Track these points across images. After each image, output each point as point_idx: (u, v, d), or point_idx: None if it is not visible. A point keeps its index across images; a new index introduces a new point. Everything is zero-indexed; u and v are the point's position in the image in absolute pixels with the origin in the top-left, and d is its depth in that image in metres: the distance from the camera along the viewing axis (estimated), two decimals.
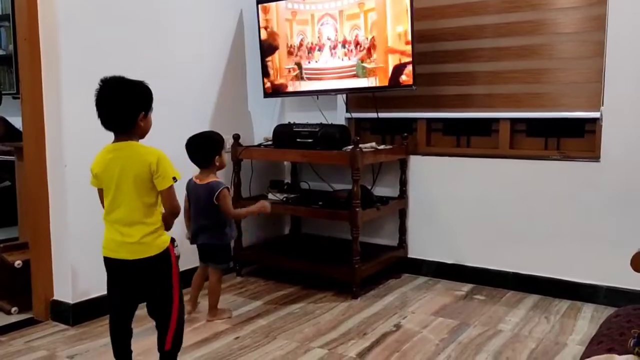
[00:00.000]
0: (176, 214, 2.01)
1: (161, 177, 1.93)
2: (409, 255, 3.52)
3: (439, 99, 3.42)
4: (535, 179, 3.11)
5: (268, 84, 3.59)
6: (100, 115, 1.94)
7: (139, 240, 1.95)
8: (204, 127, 3.27)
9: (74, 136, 2.65)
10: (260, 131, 3.73)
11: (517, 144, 3.27)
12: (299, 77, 3.47)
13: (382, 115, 3.53)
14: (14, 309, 2.80)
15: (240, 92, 3.62)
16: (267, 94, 3.61)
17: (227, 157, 2.79)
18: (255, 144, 3.63)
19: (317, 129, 3.25)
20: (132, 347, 2.07)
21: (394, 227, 3.51)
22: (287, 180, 3.89)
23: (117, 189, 1.95)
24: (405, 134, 3.45)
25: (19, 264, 2.75)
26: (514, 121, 3.26)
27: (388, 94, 3.48)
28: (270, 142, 3.54)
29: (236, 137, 3.37)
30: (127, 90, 1.95)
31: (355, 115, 3.72)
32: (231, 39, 3.53)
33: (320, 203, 3.17)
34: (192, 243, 2.75)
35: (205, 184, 2.68)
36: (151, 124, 2.03)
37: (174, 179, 1.94)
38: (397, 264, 3.45)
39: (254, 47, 3.61)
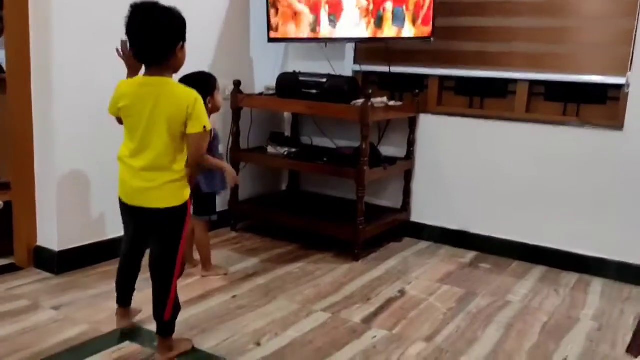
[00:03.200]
0: (201, 164, 1.86)
1: (195, 120, 1.73)
2: (412, 219, 3.38)
3: (453, 55, 3.22)
4: (550, 145, 2.95)
5: (272, 29, 3.34)
6: (133, 46, 1.73)
7: (162, 186, 1.76)
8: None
9: (64, 67, 2.42)
10: (262, 79, 3.50)
11: (534, 107, 3.10)
12: (308, 24, 3.23)
13: (392, 69, 3.32)
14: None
15: (242, 36, 3.37)
16: (271, 39, 3.37)
17: (221, 99, 2.56)
18: (257, 92, 3.42)
19: (324, 80, 3.03)
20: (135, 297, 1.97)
21: (397, 188, 3.36)
22: (288, 133, 3.69)
23: (146, 128, 1.74)
24: (417, 91, 3.25)
25: (0, 205, 2.56)
26: (532, 83, 3.08)
27: (399, 47, 3.26)
28: (272, 91, 3.33)
29: (237, 84, 3.15)
30: (165, 17, 1.72)
31: (363, 67, 3.51)
32: None
33: (325, 159, 2.99)
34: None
35: None
36: (185, 57, 1.82)
37: (204, 127, 1.75)
38: (399, 227, 3.31)
39: None
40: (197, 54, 3.01)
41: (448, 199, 3.26)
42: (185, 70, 2.90)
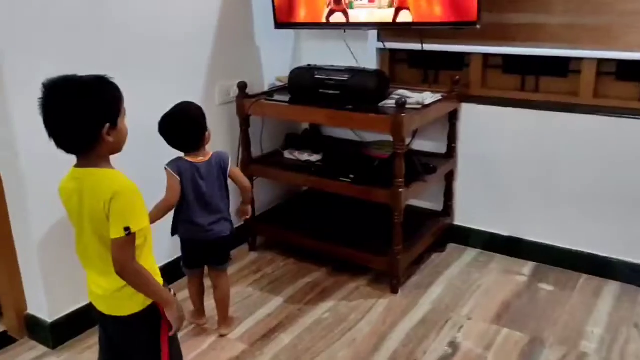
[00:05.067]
0: (138, 278, 1.39)
1: (114, 220, 1.33)
2: (456, 223, 2.93)
3: (502, 29, 2.63)
4: (624, 138, 2.42)
5: (279, 11, 2.77)
6: (49, 134, 1.32)
7: (113, 293, 1.43)
8: (197, 72, 2.59)
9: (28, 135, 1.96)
10: (272, 70, 2.97)
11: (603, 90, 2.53)
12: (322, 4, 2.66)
13: (425, 47, 2.76)
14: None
15: (244, 22, 2.82)
16: (278, 24, 2.81)
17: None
18: (266, 88, 2.91)
19: (345, 77, 2.50)
20: None
21: (438, 189, 2.88)
22: (306, 125, 3.20)
23: (79, 229, 1.42)
24: (457, 78, 2.70)
25: None
26: (600, 62, 2.50)
27: None
28: (283, 84, 2.83)
29: (242, 86, 2.64)
30: (80, 98, 1.30)
31: (389, 45, 2.94)
32: None
33: (351, 176, 2.51)
34: (193, 238, 2.14)
35: (208, 161, 2.07)
36: (126, 133, 1.42)
37: (127, 229, 1.32)
38: (442, 234, 2.87)
39: None
40: (193, 50, 2.54)
41: (498, 201, 2.79)
42: (177, 71, 2.47)
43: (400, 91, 2.60)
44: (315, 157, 2.77)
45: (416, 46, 2.80)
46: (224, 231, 2.12)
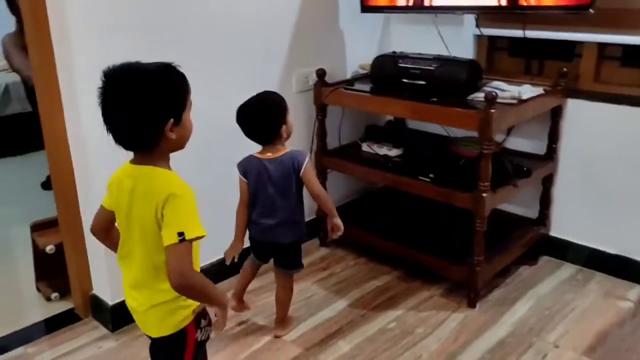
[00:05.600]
0: (198, 289, 1.24)
1: (167, 226, 1.19)
2: (552, 234, 2.60)
3: (623, 15, 2.25)
4: None
5: None
6: (107, 128, 1.20)
7: (145, 311, 1.30)
8: (275, 57, 2.46)
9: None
10: (355, 56, 2.79)
11: None
12: None
13: (519, 33, 2.44)
14: (54, 295, 2.35)
15: (328, 5, 2.65)
16: (364, 8, 2.61)
17: (292, 122, 1.96)
18: (348, 76, 2.73)
19: (432, 67, 2.26)
20: None
21: (534, 193, 2.56)
22: (390, 117, 2.99)
23: (125, 232, 1.30)
24: (565, 69, 2.36)
25: (51, 250, 2.25)
26: None
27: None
28: (366, 72, 2.64)
29: (320, 74, 2.48)
30: (143, 88, 1.17)
31: (488, 31, 2.64)
32: None
33: (431, 175, 2.28)
34: (260, 239, 2.02)
35: (279, 158, 1.91)
36: (190, 128, 1.28)
37: (180, 235, 1.16)
38: (535, 245, 2.55)
39: None
40: (270, 33, 2.42)
41: (604, 212, 2.43)
42: (255, 54, 2.37)
43: (496, 83, 2.32)
44: (394, 152, 2.55)
45: (518, 33, 2.48)
46: (287, 236, 1.97)
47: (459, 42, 2.66)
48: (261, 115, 1.89)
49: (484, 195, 2.07)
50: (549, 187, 2.52)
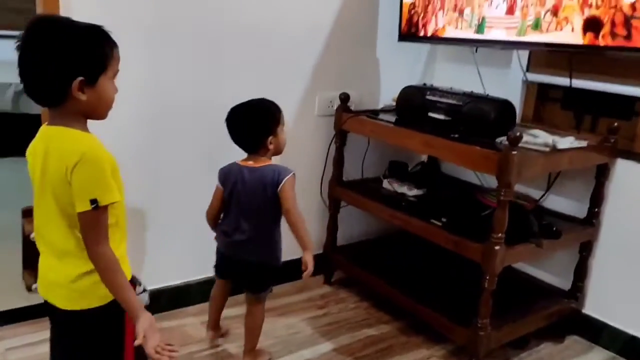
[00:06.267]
0: (109, 267, 1.17)
1: (78, 192, 1.12)
2: (585, 311, 2.26)
3: None
4: None
5: (406, 22, 2.42)
6: (20, 77, 1.14)
7: (72, 282, 1.20)
8: (304, 79, 2.36)
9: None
10: (391, 88, 2.61)
11: None
12: (456, 19, 2.25)
13: (578, 83, 2.19)
14: (34, 286, 2.26)
15: (366, 30, 2.52)
16: (402, 36, 2.46)
17: (284, 137, 1.84)
18: (379, 107, 2.57)
19: (460, 102, 2.06)
20: None
21: (567, 260, 2.25)
22: (424, 158, 2.78)
23: (39, 198, 1.22)
24: (615, 125, 2.07)
25: (33, 238, 2.18)
26: None
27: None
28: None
29: (344, 98, 2.34)
30: (57, 40, 1.11)
31: (537, 78, 2.41)
32: None
33: (443, 219, 2.04)
34: (226, 254, 1.88)
35: (260, 169, 1.77)
36: (109, 97, 1.19)
37: (93, 202, 1.11)
38: (563, 320, 2.22)
39: None
40: (299, 51, 2.33)
41: None
42: (281, 78, 2.27)
43: (533, 131, 2.08)
44: (414, 192, 2.34)
45: (575, 82, 2.22)
46: (254, 255, 1.81)
47: (505, 86, 2.44)
48: (248, 120, 1.77)
49: (496, 248, 1.81)
50: (586, 256, 2.20)
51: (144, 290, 1.30)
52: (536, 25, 1.96)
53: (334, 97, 2.39)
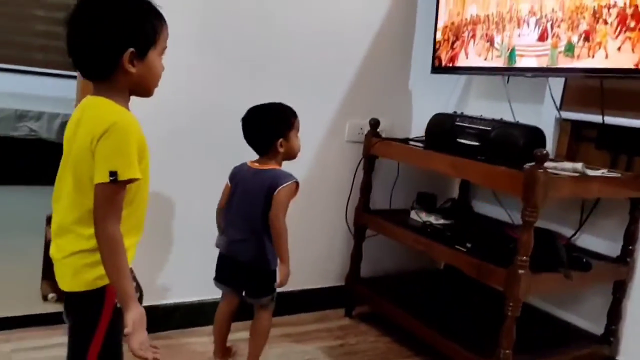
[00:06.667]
0: (112, 247, 1.11)
1: (99, 161, 1.09)
2: (618, 358, 2.11)
3: None
4: None
5: (439, 55, 2.46)
6: (68, 51, 1.16)
7: (63, 258, 1.18)
8: (335, 105, 2.41)
9: None
10: (424, 120, 2.60)
11: None
12: (487, 49, 2.26)
13: (612, 120, 2.14)
14: (51, 296, 2.28)
15: (400, 61, 2.57)
16: (435, 69, 2.48)
17: (298, 143, 1.84)
18: (412, 136, 2.57)
19: (489, 128, 2.04)
20: None
21: (601, 303, 2.13)
22: (455, 195, 2.74)
23: (63, 167, 1.21)
24: None
25: None
26: None
27: (627, 86, 2.08)
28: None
29: (374, 124, 2.35)
30: (108, 10, 1.13)
31: (571, 115, 2.37)
32: None
33: (468, 245, 1.98)
34: (223, 252, 1.86)
35: (262, 170, 1.78)
36: (157, 72, 1.20)
37: (112, 174, 1.07)
38: None
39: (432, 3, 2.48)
40: (334, 84, 2.39)
41: None
42: (312, 104, 2.31)
43: (565, 163, 2.02)
44: (441, 221, 2.29)
45: (608, 119, 2.17)
46: (249, 254, 1.77)
47: (538, 123, 2.39)
48: (259, 119, 1.79)
49: (521, 272, 1.73)
50: (620, 297, 2.08)
51: (136, 289, 1.21)
52: (568, 51, 1.95)
53: (364, 124, 2.40)
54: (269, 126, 1.79)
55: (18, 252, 2.64)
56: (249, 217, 1.76)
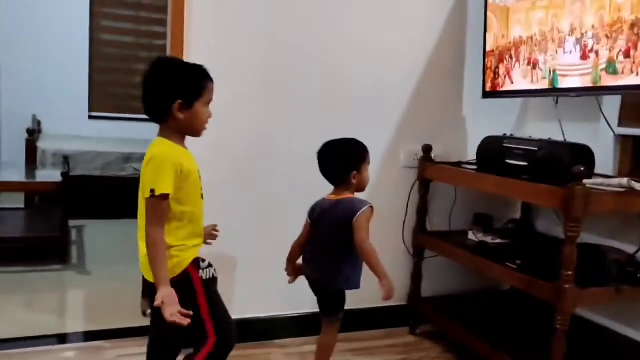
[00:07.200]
0: (152, 244, 1.46)
1: (144, 184, 1.47)
2: None
3: None
4: None
5: (488, 79, 2.56)
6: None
7: (144, 257, 1.52)
8: (391, 134, 2.56)
9: None
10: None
11: None
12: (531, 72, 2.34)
13: None
14: (149, 312, 2.58)
15: (452, 89, 2.69)
16: (485, 94, 2.58)
17: (368, 175, 1.99)
18: (468, 159, 2.66)
19: (536, 148, 2.11)
20: None
21: None
22: (517, 215, 2.77)
23: (140, 190, 1.57)
24: None
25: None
26: None
27: None
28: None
29: (426, 149, 2.49)
30: (166, 72, 1.54)
31: (632, 132, 2.36)
32: (448, 15, 2.64)
33: (518, 262, 2.04)
34: (307, 277, 2.02)
35: (338, 200, 1.94)
36: (202, 118, 1.55)
37: (152, 191, 1.42)
38: None
39: (480, 28, 2.61)
40: (390, 113, 2.58)
41: None
42: (370, 132, 2.48)
43: (619, 179, 2.04)
44: (497, 241, 2.36)
45: None
46: (328, 280, 1.94)
47: (596, 142, 2.41)
48: (334, 154, 1.94)
49: (567, 286, 1.78)
50: None
51: (209, 266, 1.60)
52: (609, 68, 2.00)
53: (419, 150, 2.54)
54: (344, 160, 1.94)
55: (124, 276, 3.05)
56: (331, 246, 1.91)
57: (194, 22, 2.21)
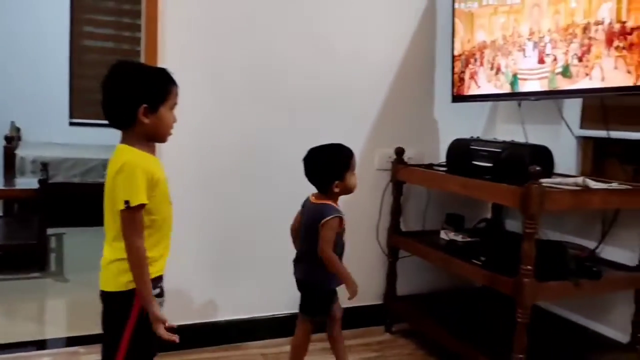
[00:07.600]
0: (136, 260, 1.43)
1: (116, 194, 1.43)
2: None
3: None
4: None
5: (458, 85, 2.65)
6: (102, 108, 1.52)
7: (106, 265, 1.51)
8: (365, 137, 2.64)
9: None
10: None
11: None
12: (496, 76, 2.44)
13: (616, 134, 2.25)
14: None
15: (424, 93, 2.79)
16: (454, 98, 2.68)
17: (354, 181, 2.03)
18: (439, 162, 2.75)
19: (500, 149, 2.21)
20: None
21: (626, 311, 2.19)
22: (488, 215, 2.87)
23: (105, 198, 1.53)
24: None
25: None
26: None
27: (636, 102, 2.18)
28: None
29: (399, 152, 2.57)
30: (127, 76, 1.50)
31: (591, 133, 2.46)
32: (418, 21, 2.73)
33: (482, 258, 2.13)
34: (294, 275, 2.10)
35: (315, 205, 2.01)
36: (168, 123, 1.53)
37: (126, 202, 1.40)
38: None
39: (449, 33, 2.70)
40: (363, 117, 2.66)
41: None
42: (346, 135, 2.54)
43: (577, 178, 2.14)
44: (466, 239, 2.45)
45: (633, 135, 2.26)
46: (304, 274, 2.03)
47: (558, 143, 2.51)
48: (318, 163, 1.99)
49: (526, 280, 1.87)
50: None
51: (160, 295, 1.54)
52: (565, 73, 2.10)
53: (392, 153, 2.62)
54: (326, 169, 1.98)
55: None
56: (306, 247, 1.99)
57: (168, 26, 2.25)
